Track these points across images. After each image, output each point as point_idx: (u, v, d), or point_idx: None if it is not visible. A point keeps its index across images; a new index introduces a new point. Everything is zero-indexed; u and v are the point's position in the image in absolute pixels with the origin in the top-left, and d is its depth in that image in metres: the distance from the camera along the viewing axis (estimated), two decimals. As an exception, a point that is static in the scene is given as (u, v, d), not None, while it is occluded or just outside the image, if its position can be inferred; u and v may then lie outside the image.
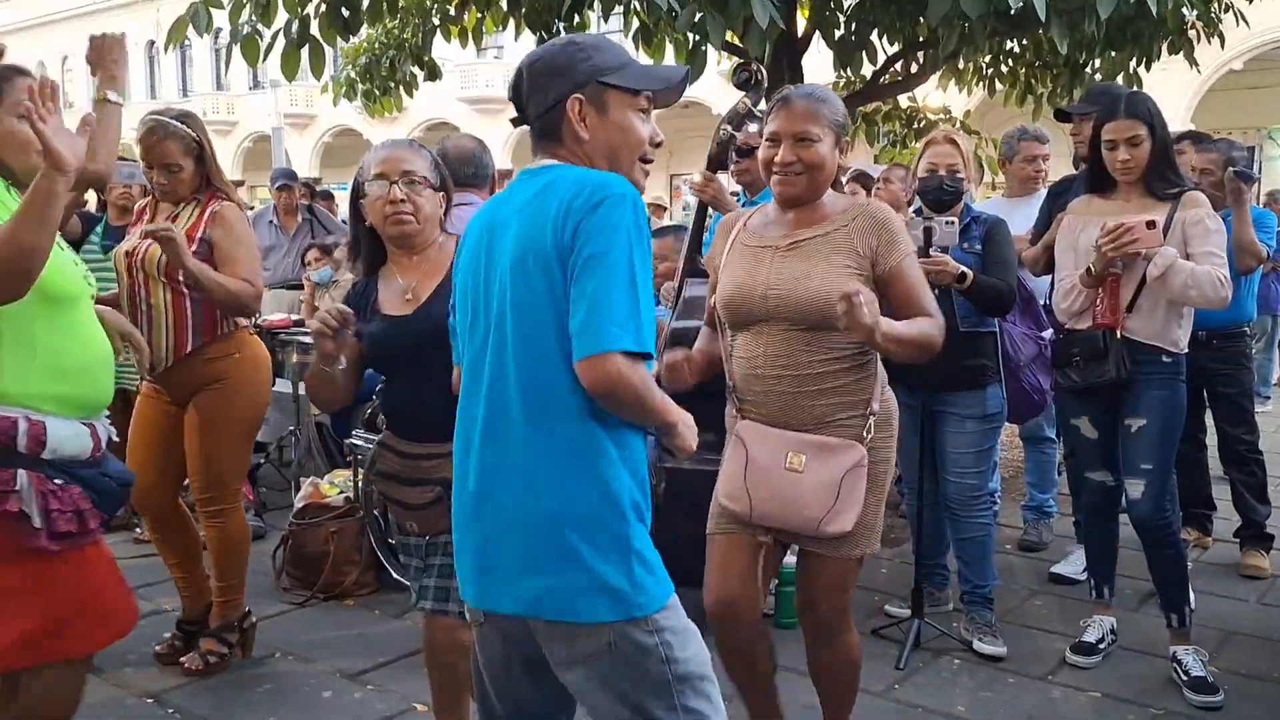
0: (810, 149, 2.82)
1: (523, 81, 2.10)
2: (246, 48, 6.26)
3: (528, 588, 1.98)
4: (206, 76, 39.12)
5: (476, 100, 32.10)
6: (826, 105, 2.87)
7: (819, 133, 2.82)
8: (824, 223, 2.87)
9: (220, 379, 3.78)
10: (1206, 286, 3.60)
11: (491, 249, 2.05)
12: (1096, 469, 3.99)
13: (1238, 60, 20.41)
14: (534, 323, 1.94)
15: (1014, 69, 7.95)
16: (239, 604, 4.00)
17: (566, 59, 2.05)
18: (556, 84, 2.04)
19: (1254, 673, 3.96)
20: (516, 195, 2.06)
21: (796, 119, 2.83)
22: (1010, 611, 4.50)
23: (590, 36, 2.15)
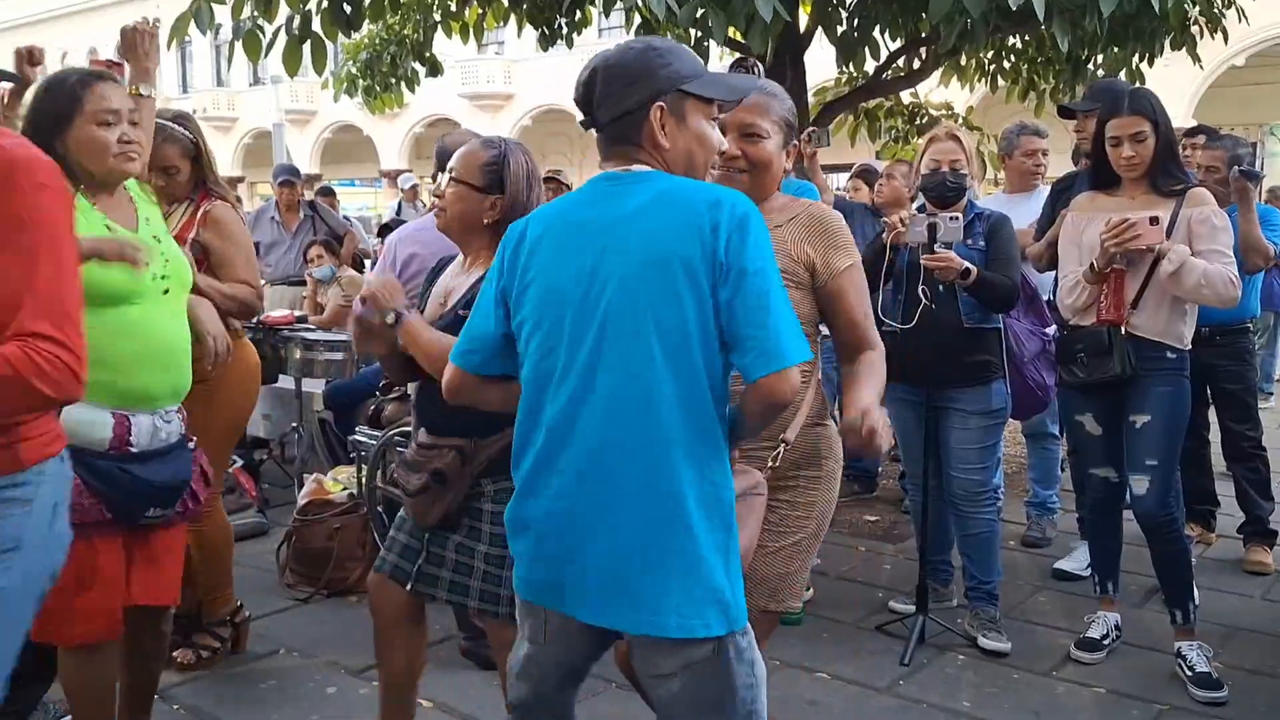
0: (757, 145, 2.55)
1: (596, 84, 2.05)
2: (248, 44, 6.27)
3: (629, 604, 1.96)
4: (207, 72, 39.12)
5: (477, 96, 32.09)
6: (776, 100, 2.61)
7: (767, 128, 2.56)
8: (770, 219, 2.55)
9: (205, 380, 3.73)
10: (1219, 285, 3.60)
11: (588, 253, 1.99)
12: (1100, 465, 4.00)
13: (1240, 56, 20.38)
14: (652, 327, 1.91)
15: (1016, 65, 7.96)
16: (229, 598, 4.02)
17: (647, 64, 2.02)
18: (637, 89, 2.02)
19: (1258, 668, 3.96)
20: (612, 200, 2.02)
21: (745, 110, 2.51)
22: (1014, 607, 4.50)
23: (667, 42, 2.11)
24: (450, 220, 2.83)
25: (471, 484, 2.73)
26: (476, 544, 2.77)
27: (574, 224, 2.06)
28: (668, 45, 2.08)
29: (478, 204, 2.78)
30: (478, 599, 2.78)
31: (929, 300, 3.90)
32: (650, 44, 2.06)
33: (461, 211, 2.80)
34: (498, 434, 2.64)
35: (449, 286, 2.88)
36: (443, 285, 2.92)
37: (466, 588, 2.79)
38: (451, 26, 7.82)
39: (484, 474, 2.73)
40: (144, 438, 2.80)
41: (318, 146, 36.95)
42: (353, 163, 36.06)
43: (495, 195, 2.78)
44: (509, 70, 31.83)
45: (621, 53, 2.05)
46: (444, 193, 2.83)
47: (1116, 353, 3.72)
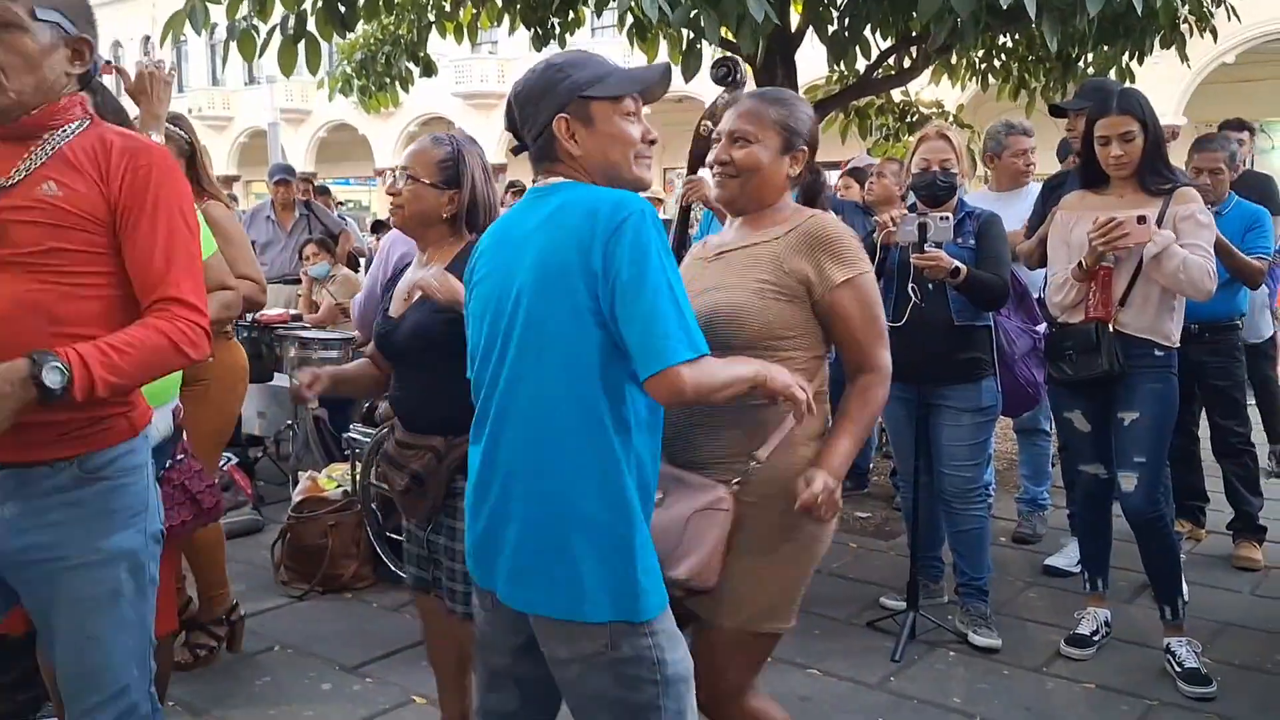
0: (745, 150, 2.51)
1: (514, 112, 2.18)
2: (243, 43, 6.27)
3: (530, 586, 2.05)
4: (202, 72, 39.04)
5: (471, 95, 32.06)
6: (776, 108, 2.56)
7: (758, 134, 2.51)
8: (760, 232, 2.55)
9: (192, 383, 3.70)
10: (1196, 274, 3.64)
11: (508, 266, 2.09)
12: (1089, 462, 4.03)
13: (1230, 54, 20.40)
14: (550, 337, 1.99)
15: (1007, 63, 7.96)
16: (225, 597, 4.03)
17: (546, 82, 2.12)
18: (543, 108, 2.12)
19: (1247, 664, 3.99)
20: (531, 214, 2.10)
21: (738, 118, 2.55)
22: (1005, 603, 4.53)
23: (568, 54, 2.21)
24: (408, 217, 2.91)
25: (449, 480, 2.77)
26: (454, 545, 2.80)
27: (499, 238, 2.18)
28: (566, 59, 2.17)
29: (435, 200, 2.87)
30: (461, 604, 2.81)
31: (919, 299, 3.93)
32: (550, 62, 2.17)
33: (420, 209, 2.88)
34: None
35: (412, 281, 2.91)
36: (407, 281, 2.96)
37: (455, 592, 2.84)
38: (446, 26, 7.81)
39: (460, 469, 2.68)
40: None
41: (312, 145, 36.88)
42: (347, 161, 36.02)
43: (452, 190, 2.87)
44: (503, 69, 31.78)
45: (527, 77, 2.16)
46: (399, 191, 2.89)
47: (1104, 350, 3.75)
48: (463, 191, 2.88)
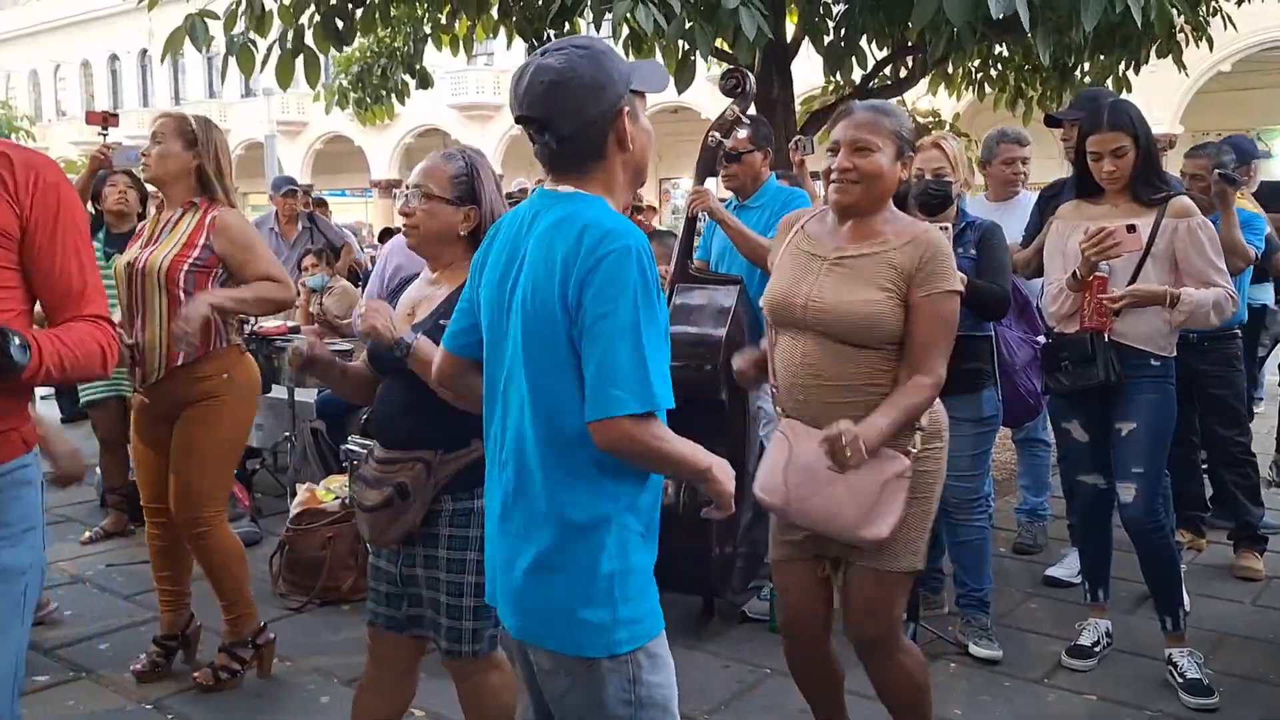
0: (868, 158, 2.78)
1: (554, 98, 1.96)
2: (242, 58, 6.29)
3: (523, 611, 2.04)
4: (199, 84, 39.14)
5: (467, 107, 32.14)
6: (889, 118, 2.84)
7: (878, 143, 2.78)
8: (877, 240, 2.83)
9: (208, 398, 3.73)
10: (1225, 309, 3.70)
11: (511, 270, 2.06)
12: (1088, 472, 4.02)
13: (1226, 62, 20.50)
14: (541, 358, 1.96)
15: (1003, 73, 7.99)
16: (250, 618, 3.95)
17: (603, 70, 1.97)
18: (604, 97, 1.97)
19: (1249, 674, 3.98)
20: (536, 221, 2.04)
21: (856, 127, 2.80)
22: (1005, 615, 4.52)
23: (600, 42, 2.09)
24: (424, 236, 2.79)
25: (433, 499, 2.67)
26: (439, 573, 2.70)
27: (510, 236, 2.12)
28: (606, 46, 2.07)
29: (451, 217, 2.76)
30: (445, 638, 2.72)
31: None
32: (590, 48, 2.00)
33: (436, 227, 2.77)
34: (465, 448, 2.64)
35: (417, 298, 2.85)
36: (409, 298, 2.89)
37: (440, 625, 2.73)
38: (442, 39, 7.84)
39: (446, 489, 2.67)
40: None
41: (309, 157, 36.95)
42: (344, 173, 36.10)
43: (468, 206, 2.77)
44: (498, 81, 31.86)
45: (571, 62, 1.95)
46: (413, 210, 2.78)
47: (1100, 360, 3.74)
48: (481, 207, 2.78)
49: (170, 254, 3.67)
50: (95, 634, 4.36)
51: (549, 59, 1.97)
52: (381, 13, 6.67)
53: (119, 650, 4.20)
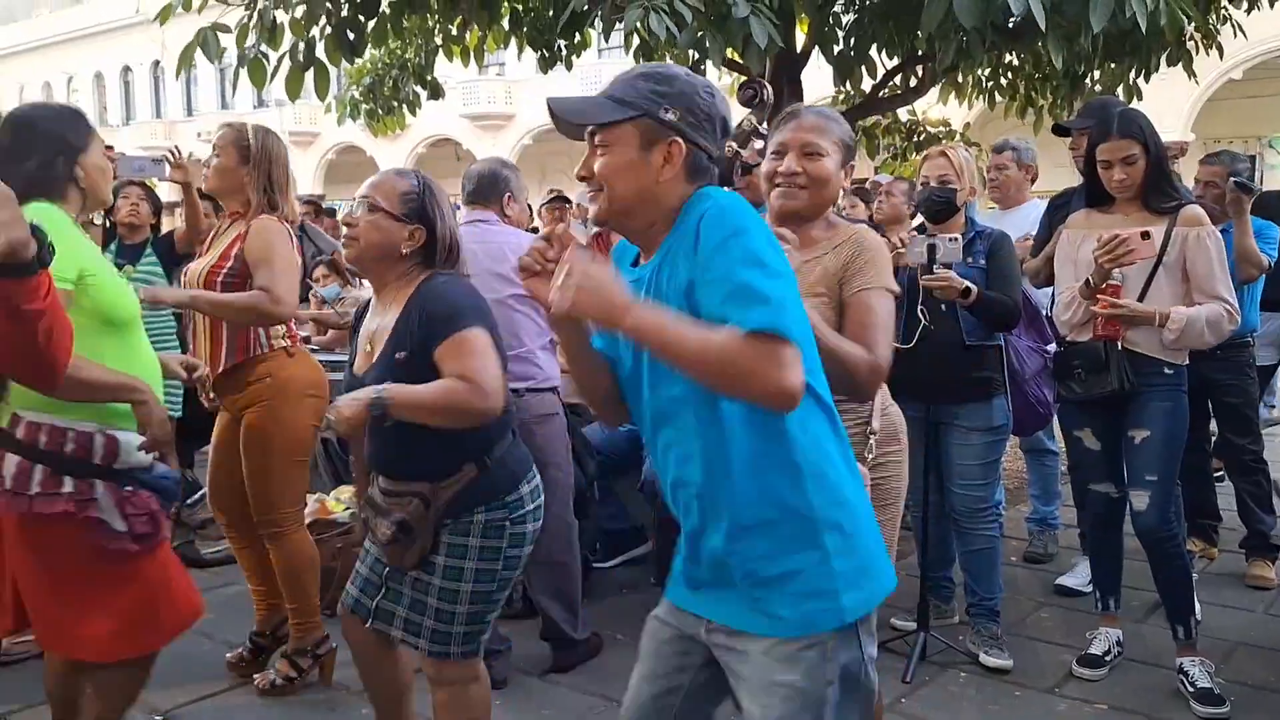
0: (817, 162, 2.72)
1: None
2: (253, 71, 6.32)
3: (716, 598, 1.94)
4: (211, 96, 39.30)
5: (479, 117, 32.25)
6: (835, 124, 2.80)
7: (827, 147, 2.72)
8: (815, 248, 2.76)
9: (257, 402, 3.77)
10: (1221, 327, 3.69)
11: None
12: (1100, 481, 4.01)
13: (1237, 70, 20.45)
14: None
15: (1013, 81, 7.98)
16: (313, 627, 3.95)
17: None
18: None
19: (1261, 684, 3.96)
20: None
21: (805, 130, 2.74)
22: (1016, 624, 4.51)
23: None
24: (364, 250, 2.74)
25: (437, 525, 2.71)
26: (431, 579, 2.74)
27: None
28: None
29: (396, 233, 2.72)
30: (429, 639, 2.75)
31: (928, 321, 3.92)
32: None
33: (379, 241, 2.72)
34: (455, 475, 2.68)
35: (370, 331, 2.81)
36: (366, 332, 2.84)
37: (419, 626, 2.76)
38: (453, 50, 7.87)
39: (446, 514, 2.71)
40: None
41: (321, 168, 37.08)
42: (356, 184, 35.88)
43: (415, 225, 2.74)
44: (510, 91, 31.96)
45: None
46: (356, 220, 2.73)
47: (1113, 368, 3.74)
48: (434, 227, 2.75)
49: (208, 264, 3.75)
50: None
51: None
52: (393, 24, 6.69)
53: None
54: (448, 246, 2.80)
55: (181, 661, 4.05)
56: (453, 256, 2.83)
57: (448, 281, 2.75)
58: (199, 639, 4.27)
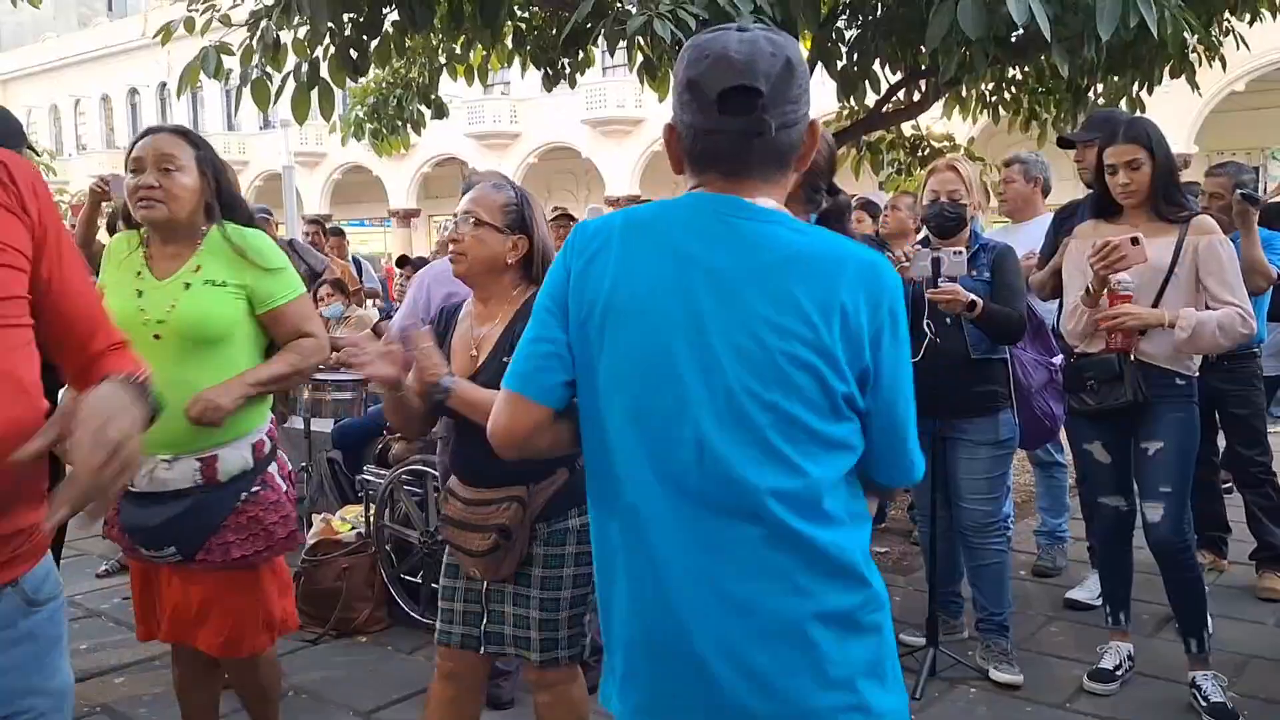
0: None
1: (787, 77, 1.66)
2: (257, 91, 6.34)
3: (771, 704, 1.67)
4: (217, 117, 39.47)
5: (484, 135, 32.31)
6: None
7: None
8: None
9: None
10: (1234, 330, 3.62)
11: (695, 306, 1.66)
12: (1110, 494, 3.98)
13: (1240, 82, 20.47)
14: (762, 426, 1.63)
15: (1017, 96, 7.97)
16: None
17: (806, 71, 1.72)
18: (807, 99, 1.71)
19: (1274, 697, 3.92)
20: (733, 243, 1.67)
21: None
22: (1026, 638, 4.48)
23: None
24: (473, 264, 2.80)
25: (532, 528, 2.74)
26: (529, 591, 2.75)
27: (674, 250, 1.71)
28: None
29: (500, 245, 2.79)
30: (539, 650, 2.77)
31: (934, 334, 3.91)
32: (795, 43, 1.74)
33: (485, 254, 2.79)
34: (552, 476, 2.71)
35: (476, 337, 2.84)
36: (466, 336, 2.87)
37: (528, 640, 2.78)
38: (457, 69, 7.89)
39: (540, 517, 2.74)
40: (138, 479, 2.80)
41: (327, 187, 37.21)
42: (362, 203, 36.32)
43: (517, 235, 2.80)
44: (514, 109, 32.05)
45: (792, 45, 1.69)
46: (462, 236, 2.80)
47: (1127, 379, 3.72)
48: (531, 237, 2.81)
49: None
50: (110, 669, 4.36)
51: (768, 33, 1.68)
52: (396, 43, 6.71)
53: (134, 686, 4.20)
54: (544, 255, 2.84)
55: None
56: (546, 267, 2.82)
57: None
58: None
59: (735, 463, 1.63)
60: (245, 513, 2.93)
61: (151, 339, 2.77)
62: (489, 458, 2.47)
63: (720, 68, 1.63)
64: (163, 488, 2.83)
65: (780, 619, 1.66)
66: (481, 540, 2.71)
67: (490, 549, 2.70)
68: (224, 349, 2.86)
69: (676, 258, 1.68)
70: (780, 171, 1.72)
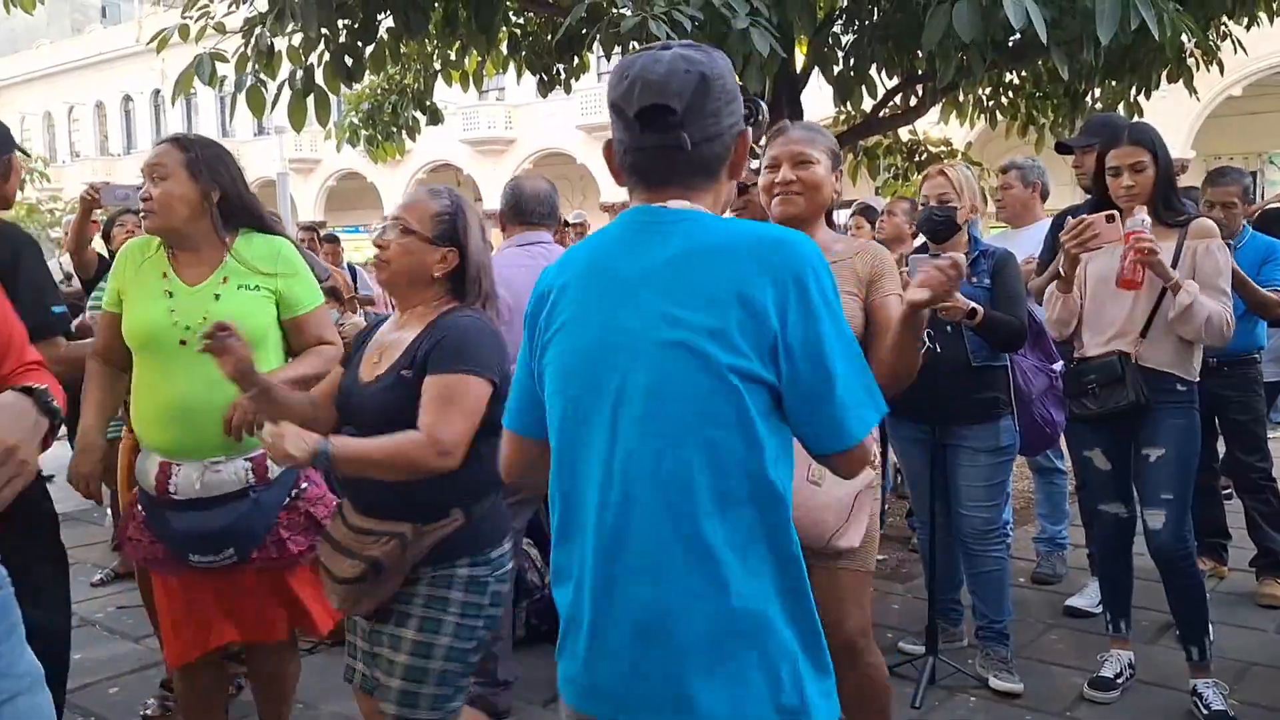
0: (808, 170, 2.94)
1: (702, 91, 1.74)
2: (252, 98, 6.31)
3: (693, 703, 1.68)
4: (212, 123, 39.42)
5: (479, 141, 32.32)
6: (820, 134, 3.03)
7: (816, 155, 2.95)
8: (828, 252, 2.82)
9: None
10: (1217, 329, 3.62)
11: (618, 305, 1.74)
12: (1110, 501, 3.96)
13: (1237, 86, 20.49)
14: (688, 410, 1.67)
15: (1014, 100, 7.97)
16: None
17: (735, 84, 1.80)
18: (735, 109, 1.80)
19: (1275, 705, 3.90)
20: (650, 246, 1.76)
21: (794, 143, 2.98)
22: (1026, 646, 4.46)
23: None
24: (395, 273, 2.64)
25: (411, 572, 2.54)
26: (405, 633, 2.54)
27: (597, 269, 1.81)
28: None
29: (428, 256, 2.62)
30: (395, 702, 2.55)
31: (932, 342, 3.89)
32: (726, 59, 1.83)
33: (410, 264, 2.62)
34: (445, 518, 2.53)
35: (384, 342, 2.68)
36: (376, 342, 2.72)
37: (389, 688, 2.56)
38: (452, 75, 7.88)
39: (424, 562, 2.54)
40: (185, 486, 2.84)
41: (322, 194, 37.18)
42: (357, 209, 36.27)
43: (447, 247, 2.63)
44: (509, 115, 32.05)
45: (713, 63, 1.77)
46: (387, 243, 2.62)
47: (1129, 381, 3.70)
48: (464, 250, 2.64)
49: None
50: (105, 678, 4.33)
51: (686, 50, 1.77)
52: (391, 50, 6.70)
53: (129, 694, 4.17)
54: (480, 274, 2.68)
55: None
56: (485, 285, 2.70)
57: (476, 320, 2.61)
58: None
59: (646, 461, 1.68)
60: (297, 509, 3.00)
61: (178, 344, 2.85)
62: (382, 488, 2.46)
63: (637, 88, 1.73)
64: (216, 490, 2.86)
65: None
66: (350, 567, 2.51)
67: (355, 578, 2.50)
68: (256, 352, 2.83)
69: (598, 273, 1.80)
70: (707, 180, 1.81)
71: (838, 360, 1.70)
